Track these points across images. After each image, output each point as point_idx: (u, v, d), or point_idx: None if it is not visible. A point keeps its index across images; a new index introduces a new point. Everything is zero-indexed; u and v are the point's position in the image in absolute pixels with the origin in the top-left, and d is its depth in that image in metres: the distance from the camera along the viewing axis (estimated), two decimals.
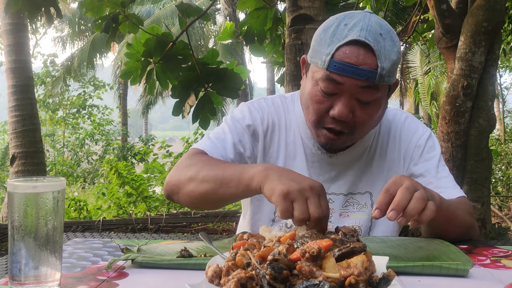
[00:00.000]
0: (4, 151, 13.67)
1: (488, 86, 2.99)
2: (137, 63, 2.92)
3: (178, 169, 1.32)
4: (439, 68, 12.94)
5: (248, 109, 1.45)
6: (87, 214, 6.77)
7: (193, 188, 1.25)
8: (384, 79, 1.20)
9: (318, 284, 0.70)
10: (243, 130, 1.40)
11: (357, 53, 1.18)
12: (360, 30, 1.18)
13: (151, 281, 0.91)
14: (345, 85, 1.20)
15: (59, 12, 3.08)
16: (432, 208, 1.00)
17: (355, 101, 1.22)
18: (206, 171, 1.24)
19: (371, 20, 1.21)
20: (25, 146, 6.69)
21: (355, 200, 1.41)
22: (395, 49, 1.21)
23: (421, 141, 1.42)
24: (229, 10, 13.34)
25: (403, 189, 1.01)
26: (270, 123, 1.43)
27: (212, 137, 1.40)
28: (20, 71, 6.85)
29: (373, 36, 1.18)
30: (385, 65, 1.18)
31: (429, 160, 1.40)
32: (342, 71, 1.18)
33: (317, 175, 1.40)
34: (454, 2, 3.24)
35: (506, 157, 10.01)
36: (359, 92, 1.21)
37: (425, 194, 1.02)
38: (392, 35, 1.23)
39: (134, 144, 17.90)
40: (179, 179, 1.30)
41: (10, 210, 0.83)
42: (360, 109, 1.23)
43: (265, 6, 3.16)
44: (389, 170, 1.41)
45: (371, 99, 1.22)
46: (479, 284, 0.90)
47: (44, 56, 17.59)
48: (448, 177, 1.38)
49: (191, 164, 1.30)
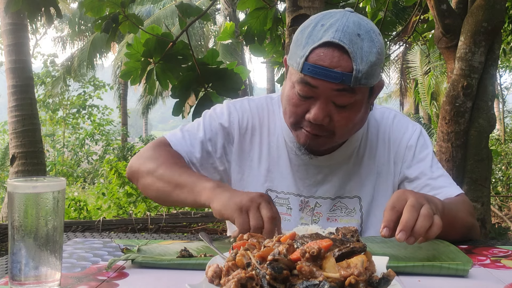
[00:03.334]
0: (4, 151, 13.69)
1: (488, 86, 2.99)
2: (137, 63, 2.92)
3: (141, 157, 1.36)
4: (439, 68, 12.95)
5: (228, 109, 1.42)
6: (87, 214, 6.77)
7: (150, 182, 1.30)
8: (360, 81, 1.15)
9: (318, 284, 0.70)
10: (217, 129, 1.39)
11: (331, 56, 1.14)
12: (335, 32, 1.14)
13: (151, 281, 0.91)
14: (319, 88, 1.17)
15: (59, 12, 3.09)
16: (438, 224, 1.00)
17: (332, 104, 1.19)
18: (164, 170, 1.27)
19: (349, 20, 1.16)
20: (25, 146, 6.70)
21: (343, 204, 1.37)
22: (374, 50, 1.16)
23: (412, 142, 1.38)
24: (229, 10, 13.35)
25: (410, 207, 1.00)
26: (250, 127, 1.40)
27: (185, 129, 1.41)
28: (20, 71, 6.85)
29: (349, 37, 1.14)
30: (361, 67, 1.13)
31: (423, 161, 1.36)
32: (315, 74, 1.15)
33: (302, 179, 1.37)
34: (454, 2, 3.24)
35: (506, 157, 10.01)
36: (334, 95, 1.17)
37: (431, 210, 1.00)
38: (372, 35, 1.17)
39: (134, 144, 17.90)
40: (139, 168, 1.34)
41: (10, 210, 0.83)
42: (337, 113, 1.20)
43: (265, 6, 3.16)
44: (379, 173, 1.38)
45: (347, 102, 1.18)
46: (479, 284, 0.90)
47: (44, 56, 17.62)
48: (444, 175, 1.36)
49: (153, 156, 1.32)
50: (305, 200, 1.37)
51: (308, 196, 1.37)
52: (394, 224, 1.00)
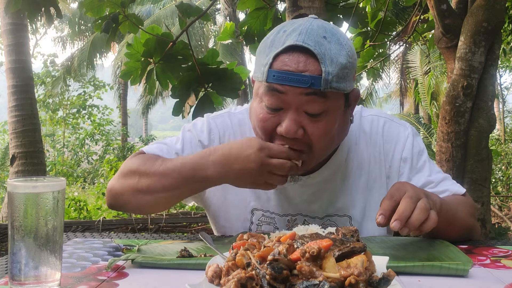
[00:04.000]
0: (4, 151, 13.69)
1: (488, 86, 2.98)
2: (137, 63, 2.92)
3: (119, 177, 1.26)
4: (439, 68, 12.94)
5: (208, 125, 1.34)
6: (87, 214, 6.77)
7: (142, 198, 1.21)
8: (331, 84, 1.07)
9: (318, 284, 0.70)
10: (196, 145, 1.32)
11: (296, 60, 1.07)
12: (298, 35, 1.08)
13: (151, 281, 0.91)
14: (288, 95, 1.08)
15: (59, 12, 3.08)
16: (434, 219, 1.01)
17: (304, 115, 1.11)
18: (145, 168, 1.20)
19: (312, 24, 1.11)
20: (25, 146, 6.70)
21: (332, 222, 1.30)
22: (343, 52, 1.10)
23: (406, 153, 1.30)
24: (229, 10, 13.35)
25: (407, 198, 1.01)
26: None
27: (162, 142, 1.35)
28: (20, 71, 6.85)
29: (314, 39, 1.07)
30: (330, 69, 1.07)
31: (421, 171, 1.30)
32: (281, 80, 1.07)
33: (287, 198, 1.30)
34: (454, 2, 3.24)
35: (506, 157, 10.02)
36: (304, 102, 1.09)
37: (428, 204, 1.02)
38: (339, 37, 1.11)
39: (134, 144, 17.90)
40: (122, 188, 1.24)
41: (10, 210, 0.83)
42: (311, 124, 1.11)
43: (265, 6, 3.16)
44: (371, 188, 1.30)
45: (320, 110, 1.10)
46: (479, 284, 0.90)
47: (44, 56, 17.66)
48: (445, 179, 1.33)
49: (131, 170, 1.23)
50: (292, 219, 1.31)
51: (295, 214, 1.32)
52: (390, 213, 1.01)
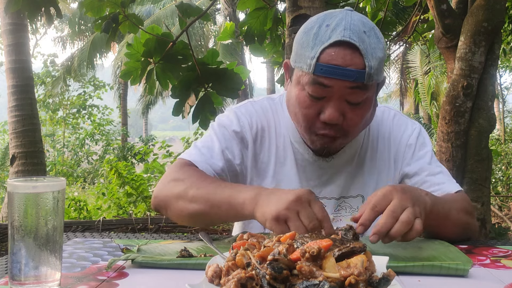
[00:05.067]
0: (4, 151, 13.68)
1: (488, 86, 2.99)
2: (137, 63, 2.92)
3: (165, 183, 1.27)
4: (439, 68, 12.94)
5: (235, 114, 1.39)
6: (87, 214, 6.77)
7: (182, 207, 1.21)
8: (373, 78, 1.17)
9: (318, 284, 0.70)
10: (230, 136, 1.35)
11: (343, 54, 1.14)
12: (343, 30, 1.15)
13: (151, 281, 0.91)
14: (333, 88, 1.17)
15: (59, 12, 3.08)
16: (418, 230, 0.99)
17: (345, 103, 1.19)
18: (195, 190, 1.19)
19: (353, 18, 1.17)
20: (25, 146, 6.69)
21: (347, 204, 1.38)
22: (380, 45, 1.18)
23: (411, 140, 1.39)
24: (229, 10, 13.34)
25: (389, 212, 0.99)
26: (260, 129, 1.38)
27: (199, 145, 1.36)
28: (20, 71, 6.85)
29: (357, 34, 1.15)
30: (372, 63, 1.15)
31: (422, 158, 1.38)
32: (329, 74, 1.15)
33: (307, 179, 1.37)
34: (454, 2, 3.24)
35: (506, 157, 10.01)
36: (348, 93, 1.17)
37: (412, 215, 0.99)
38: (376, 31, 1.19)
39: (134, 144, 17.91)
40: (166, 195, 1.25)
41: (10, 210, 0.83)
42: (350, 111, 1.20)
43: (265, 6, 3.16)
44: (380, 172, 1.39)
45: (361, 99, 1.19)
46: (479, 284, 0.90)
47: (44, 56, 17.64)
48: (443, 172, 1.36)
49: (178, 178, 1.24)
50: None
51: None
52: (370, 224, 1.01)
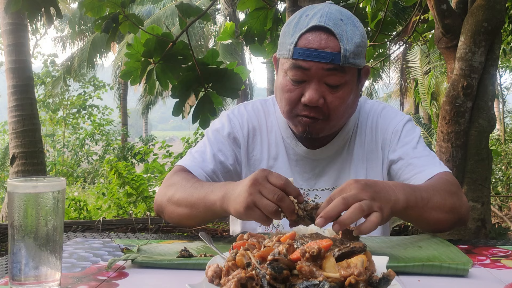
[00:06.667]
0: (4, 151, 13.68)
1: (488, 86, 2.99)
2: (137, 63, 2.91)
3: (161, 189, 1.36)
4: (439, 68, 12.94)
5: (227, 117, 1.49)
6: (87, 214, 6.76)
7: (172, 210, 1.29)
8: (348, 60, 1.23)
9: (318, 284, 0.70)
10: (223, 139, 1.44)
11: (319, 38, 1.23)
12: (320, 17, 1.24)
13: (151, 281, 0.91)
14: (311, 70, 1.24)
15: (59, 12, 3.08)
16: (373, 221, 0.98)
17: (324, 86, 1.26)
18: (180, 194, 1.26)
19: (331, 8, 1.27)
20: (25, 146, 6.69)
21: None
22: (357, 32, 1.25)
23: (398, 127, 1.42)
24: (229, 10, 13.35)
25: (340, 199, 0.99)
26: (251, 128, 1.47)
27: (193, 151, 1.44)
28: (20, 71, 6.84)
29: (334, 21, 1.23)
30: (348, 47, 1.22)
31: (407, 144, 1.39)
32: (306, 57, 1.23)
33: (301, 173, 1.43)
34: (454, 2, 3.24)
35: (506, 157, 10.02)
36: (326, 75, 1.24)
37: (366, 206, 0.98)
38: (353, 20, 1.27)
39: (134, 144, 17.90)
40: (161, 200, 1.33)
41: (10, 210, 0.83)
42: (330, 94, 1.26)
43: (265, 6, 3.16)
44: (368, 160, 1.42)
45: (339, 82, 1.25)
46: (479, 284, 0.90)
47: (44, 56, 17.61)
48: (428, 156, 1.35)
49: (170, 184, 1.33)
50: (304, 193, 1.42)
51: (307, 189, 1.42)
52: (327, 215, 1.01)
